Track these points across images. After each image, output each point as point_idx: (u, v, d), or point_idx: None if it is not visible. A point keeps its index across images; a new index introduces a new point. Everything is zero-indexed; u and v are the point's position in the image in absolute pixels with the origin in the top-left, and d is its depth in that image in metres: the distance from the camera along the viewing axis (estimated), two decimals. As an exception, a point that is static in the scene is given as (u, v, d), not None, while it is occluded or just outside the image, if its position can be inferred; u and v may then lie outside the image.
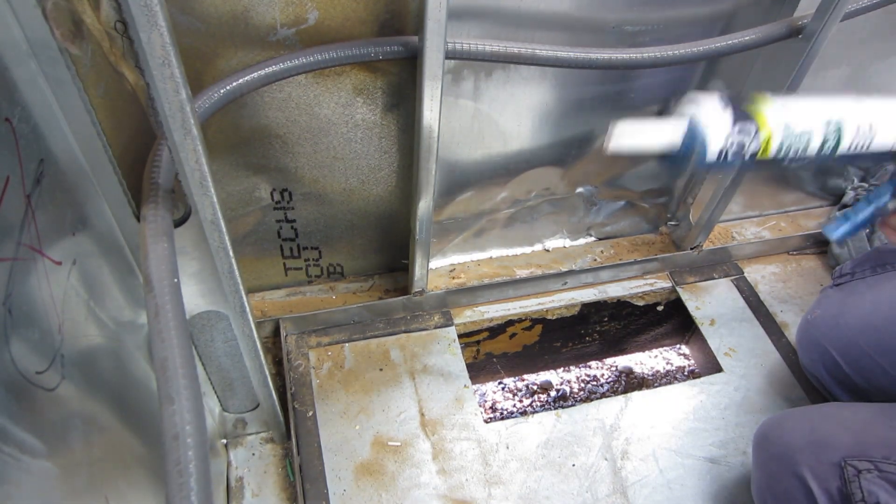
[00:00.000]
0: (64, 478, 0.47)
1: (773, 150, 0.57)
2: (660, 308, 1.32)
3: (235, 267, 0.70)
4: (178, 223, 0.67)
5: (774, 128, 0.57)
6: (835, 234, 0.68)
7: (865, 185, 1.35)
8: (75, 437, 0.50)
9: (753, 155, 0.57)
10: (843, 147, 0.59)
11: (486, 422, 1.03)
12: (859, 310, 1.00)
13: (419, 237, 1.00)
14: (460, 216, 1.15)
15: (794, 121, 0.57)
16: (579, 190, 1.19)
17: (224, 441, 1.00)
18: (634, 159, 1.17)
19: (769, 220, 1.40)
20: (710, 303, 1.25)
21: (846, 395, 1.02)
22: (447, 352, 1.12)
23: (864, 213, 0.66)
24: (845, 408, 0.88)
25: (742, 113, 0.57)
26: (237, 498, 0.95)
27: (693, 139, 0.56)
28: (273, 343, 1.12)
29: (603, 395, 1.46)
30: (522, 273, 1.23)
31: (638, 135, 0.58)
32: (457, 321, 1.17)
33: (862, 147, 0.59)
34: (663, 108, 0.59)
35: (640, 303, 1.29)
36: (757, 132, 0.57)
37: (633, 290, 1.26)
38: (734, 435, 1.05)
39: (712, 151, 0.56)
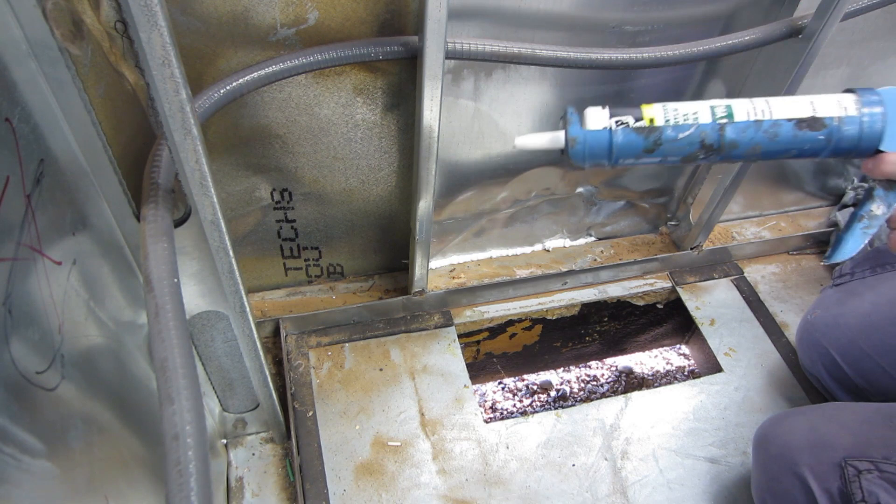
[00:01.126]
0: (64, 478, 0.47)
1: (659, 121, 0.61)
2: (660, 308, 1.32)
3: (235, 267, 0.70)
4: (178, 223, 0.67)
5: (656, 111, 0.62)
6: (836, 257, 0.68)
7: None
8: (75, 437, 0.50)
9: (642, 129, 0.61)
10: (740, 116, 0.61)
11: (486, 422, 1.03)
12: (859, 310, 1.00)
13: (419, 237, 1.00)
14: (460, 216, 1.15)
15: (678, 107, 0.63)
16: (579, 190, 1.19)
17: (224, 441, 1.00)
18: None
19: (769, 220, 1.40)
20: (710, 303, 1.25)
21: (846, 395, 1.02)
22: (447, 352, 1.12)
23: (852, 228, 0.66)
24: (845, 408, 0.88)
25: (623, 108, 0.63)
26: (237, 498, 0.95)
27: (576, 132, 0.63)
28: (273, 343, 1.12)
29: (603, 395, 1.46)
30: (522, 273, 1.23)
31: (535, 138, 0.67)
32: (457, 321, 1.17)
33: (763, 114, 0.60)
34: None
35: (640, 303, 1.29)
36: (640, 116, 0.62)
37: (633, 290, 1.26)
38: (734, 435, 1.05)
39: (592, 133, 0.62)
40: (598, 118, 0.63)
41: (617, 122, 0.62)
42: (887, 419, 0.81)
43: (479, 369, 1.36)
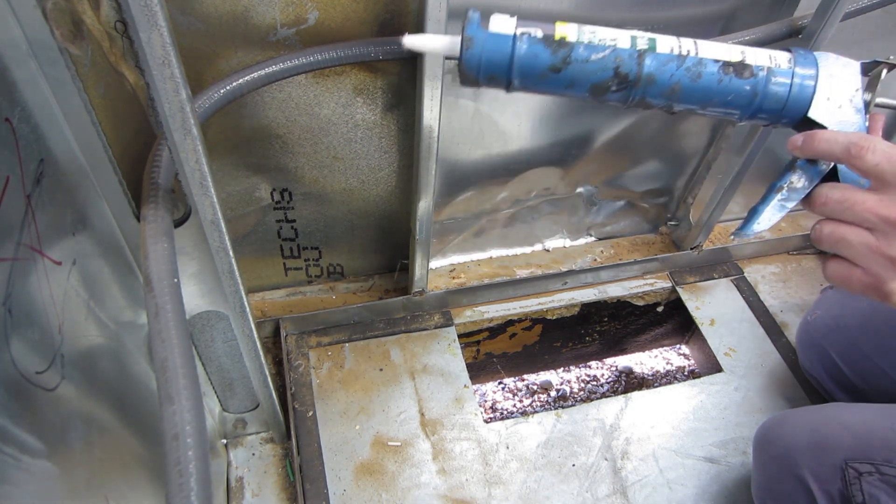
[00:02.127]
0: (64, 478, 0.47)
1: (570, 36, 0.55)
2: (660, 308, 1.32)
3: (235, 267, 0.70)
4: (178, 223, 0.67)
5: (570, 29, 0.56)
6: (748, 230, 0.62)
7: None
8: (75, 437, 0.50)
9: (550, 43, 0.55)
10: (663, 49, 0.55)
11: (486, 422, 1.03)
12: (859, 311, 1.00)
13: (419, 237, 1.00)
14: (460, 216, 1.15)
15: (596, 30, 0.57)
16: (579, 190, 1.19)
17: (224, 441, 1.00)
18: (634, 159, 1.17)
19: (769, 220, 1.40)
20: (710, 303, 1.25)
21: (845, 395, 1.02)
22: (447, 352, 1.12)
23: (768, 199, 0.61)
24: (846, 409, 0.87)
25: (534, 20, 0.57)
26: (237, 498, 0.95)
27: (474, 32, 0.55)
28: (273, 343, 1.12)
29: (603, 395, 1.46)
30: (522, 273, 1.23)
31: (429, 40, 0.59)
32: (457, 321, 1.17)
33: (687, 52, 0.55)
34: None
35: (640, 303, 1.29)
36: (551, 32, 0.55)
37: (633, 290, 1.26)
38: (734, 435, 1.05)
39: (492, 36, 0.55)
40: (502, 24, 0.55)
41: (523, 32, 0.55)
42: (889, 421, 0.81)
43: (479, 369, 1.36)
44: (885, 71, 0.57)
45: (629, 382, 1.48)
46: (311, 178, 0.99)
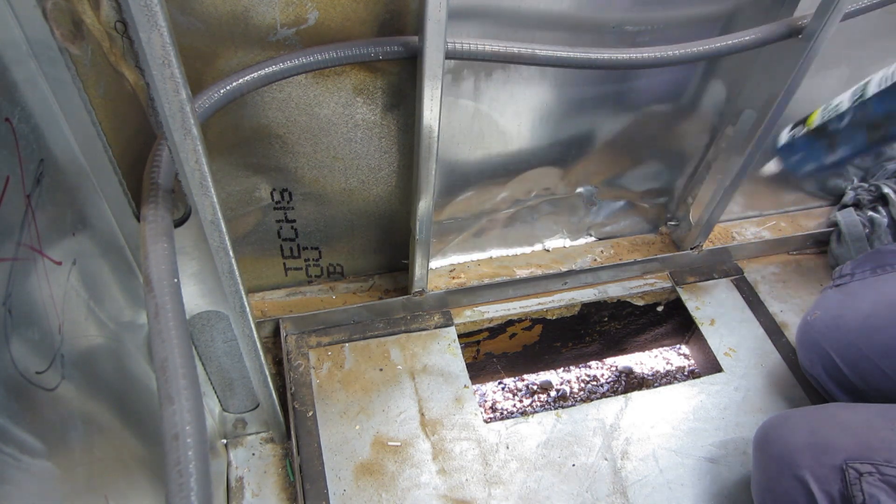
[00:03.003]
0: (64, 478, 0.47)
1: (815, 121, 0.77)
2: (660, 308, 1.32)
3: (235, 267, 0.70)
4: (178, 223, 0.67)
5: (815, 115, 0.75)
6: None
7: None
8: (75, 437, 0.50)
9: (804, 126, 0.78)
10: (871, 90, 0.73)
11: (486, 422, 1.03)
12: (859, 311, 1.00)
13: (419, 237, 1.00)
14: (460, 216, 1.15)
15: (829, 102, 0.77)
16: (579, 190, 1.19)
17: (224, 441, 1.00)
18: (634, 159, 1.17)
19: (769, 220, 1.40)
20: (710, 303, 1.25)
21: (845, 396, 1.02)
22: (447, 352, 1.12)
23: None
24: (846, 409, 0.87)
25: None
26: (237, 498, 0.95)
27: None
28: (273, 343, 1.12)
29: (603, 395, 1.46)
30: (522, 273, 1.23)
31: None
32: (457, 321, 1.17)
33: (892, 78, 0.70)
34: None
35: (640, 303, 1.29)
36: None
37: (633, 290, 1.26)
38: (734, 435, 1.05)
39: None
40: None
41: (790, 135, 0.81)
42: (889, 421, 0.81)
43: (479, 369, 1.36)
44: None
45: (629, 382, 1.48)
46: (311, 178, 0.99)
